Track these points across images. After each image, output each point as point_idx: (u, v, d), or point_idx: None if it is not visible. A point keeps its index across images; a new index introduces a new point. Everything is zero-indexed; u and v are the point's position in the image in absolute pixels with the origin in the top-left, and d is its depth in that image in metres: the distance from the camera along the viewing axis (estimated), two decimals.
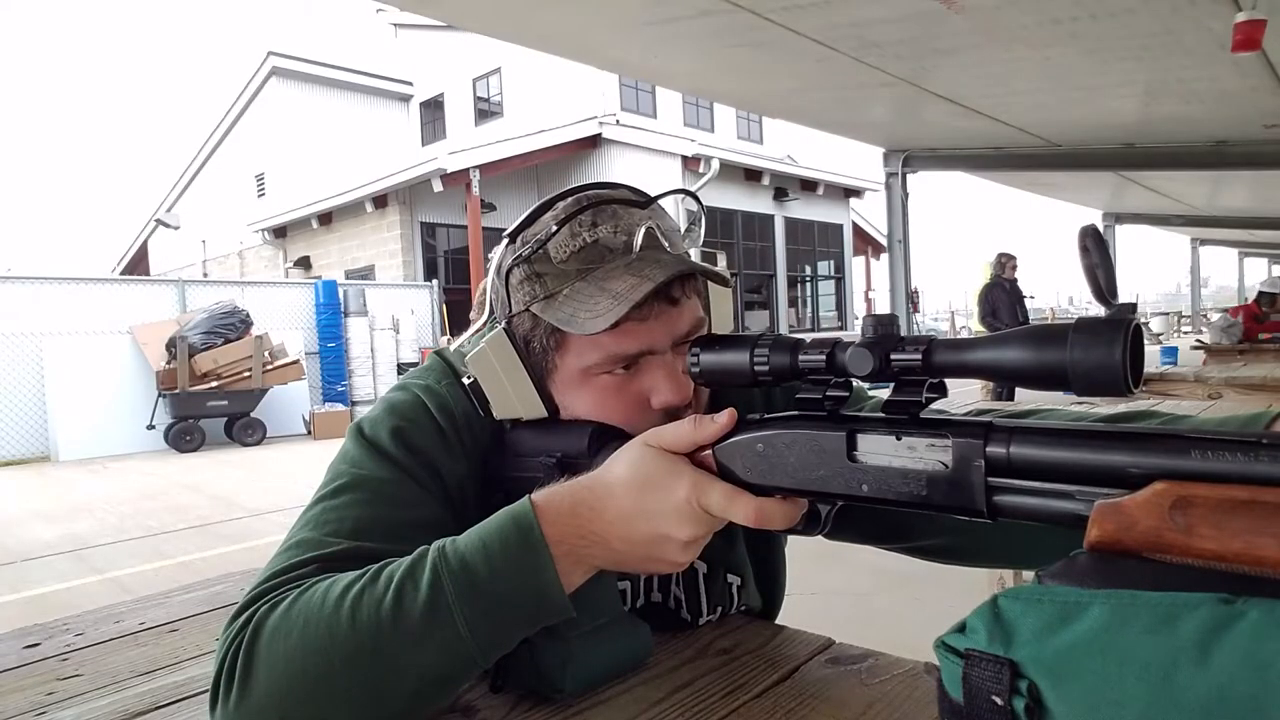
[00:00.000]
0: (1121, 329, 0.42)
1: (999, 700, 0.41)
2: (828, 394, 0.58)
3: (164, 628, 1.01)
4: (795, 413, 0.60)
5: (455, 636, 0.58)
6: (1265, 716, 0.34)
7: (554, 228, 0.72)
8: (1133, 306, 0.44)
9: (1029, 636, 0.42)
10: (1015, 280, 8.07)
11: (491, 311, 0.80)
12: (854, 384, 0.59)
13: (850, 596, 3.18)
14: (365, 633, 0.57)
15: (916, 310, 12.60)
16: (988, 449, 0.48)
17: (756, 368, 0.60)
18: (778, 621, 0.90)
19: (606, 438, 0.73)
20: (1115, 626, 0.39)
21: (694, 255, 0.83)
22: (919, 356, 0.51)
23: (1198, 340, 8.81)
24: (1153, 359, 7.31)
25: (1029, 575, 0.50)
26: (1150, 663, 0.37)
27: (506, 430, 0.80)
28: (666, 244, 0.74)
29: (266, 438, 9.50)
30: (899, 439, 0.53)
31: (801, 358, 0.58)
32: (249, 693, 0.58)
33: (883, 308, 16.48)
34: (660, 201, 0.80)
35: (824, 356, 0.57)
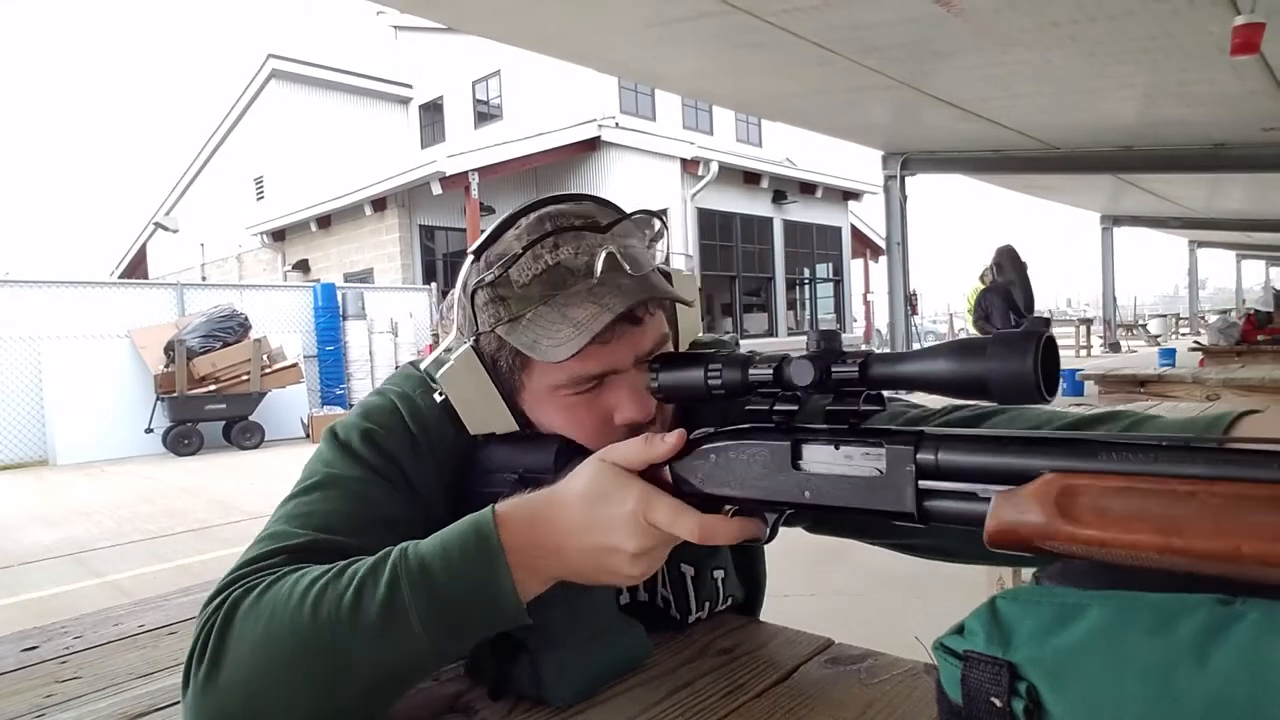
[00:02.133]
0: (1034, 340, 0.45)
1: (998, 702, 0.42)
2: (775, 407, 0.60)
3: (162, 630, 1.01)
4: (747, 425, 0.62)
5: (409, 635, 0.60)
6: (1264, 717, 0.34)
7: (518, 249, 0.73)
8: (1047, 320, 0.46)
9: (1028, 638, 0.42)
10: (1010, 284, 8.05)
11: (460, 329, 0.81)
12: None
13: (850, 596, 3.17)
14: (325, 626, 0.60)
15: (915, 313, 12.60)
16: (918, 455, 0.51)
17: (710, 383, 0.63)
18: (775, 621, 0.90)
19: (571, 453, 0.74)
20: (1114, 628, 0.39)
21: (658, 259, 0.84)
22: (856, 370, 0.55)
23: (1195, 342, 8.81)
24: (1151, 361, 7.30)
25: (1028, 576, 0.50)
26: (1149, 664, 0.37)
27: (478, 445, 0.81)
28: (627, 266, 0.73)
29: (265, 441, 9.49)
30: (837, 448, 0.56)
31: (752, 372, 0.61)
32: (217, 673, 0.61)
33: (881, 310, 16.50)
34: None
35: (772, 371, 0.59)
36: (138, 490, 6.86)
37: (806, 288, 18.07)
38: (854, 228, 18.67)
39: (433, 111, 19.70)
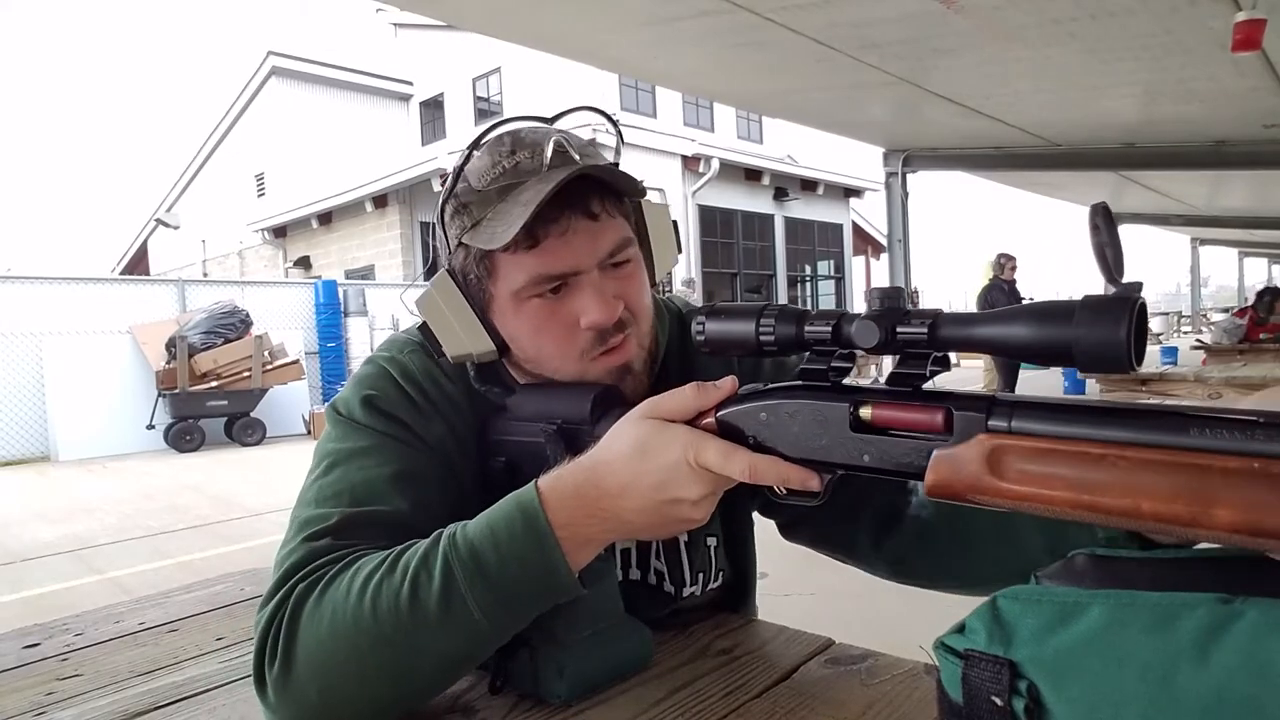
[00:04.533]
0: (1127, 307, 0.42)
1: (999, 701, 0.42)
2: (833, 364, 0.57)
3: (163, 628, 1.01)
4: (799, 383, 0.60)
5: (470, 621, 0.62)
6: (1264, 716, 0.34)
7: (467, 149, 0.77)
8: (1139, 285, 0.45)
9: (1028, 637, 0.42)
10: (1014, 281, 8.06)
11: (436, 258, 0.83)
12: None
13: (850, 596, 3.17)
14: (386, 622, 0.62)
15: None
16: (990, 422, 0.48)
17: (762, 337, 0.59)
18: (775, 621, 0.90)
19: (609, 403, 0.74)
20: (1114, 627, 0.39)
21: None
22: (925, 330, 0.51)
23: (1198, 340, 8.81)
24: (1153, 359, 7.30)
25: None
26: (1149, 663, 0.37)
27: (514, 393, 0.81)
28: (577, 157, 0.75)
29: (266, 438, 9.50)
30: (900, 406, 0.53)
31: (808, 329, 0.58)
32: (290, 669, 0.63)
33: None
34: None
35: (830, 328, 0.56)
36: (139, 487, 6.87)
37: (808, 285, 18.05)
38: (855, 225, 18.65)
39: (433, 108, 19.67)
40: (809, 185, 16.57)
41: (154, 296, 10.09)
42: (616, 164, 0.80)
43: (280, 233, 17.00)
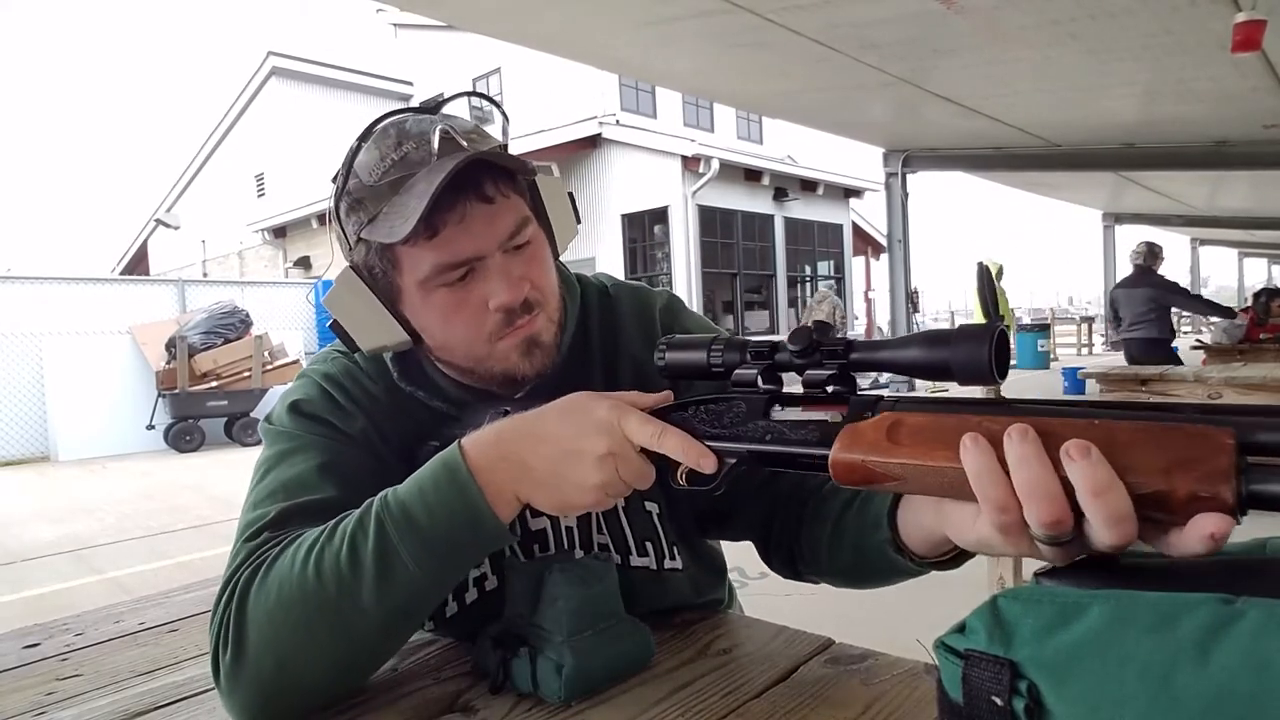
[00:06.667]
0: (989, 333, 0.52)
1: (999, 701, 0.42)
2: (760, 374, 0.65)
3: (163, 628, 1.01)
4: (734, 388, 0.68)
5: (407, 575, 0.65)
6: (1265, 716, 0.34)
7: (355, 144, 0.77)
8: (1001, 319, 0.51)
9: (1029, 637, 0.42)
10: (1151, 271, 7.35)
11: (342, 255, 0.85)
12: None
13: (850, 596, 3.17)
14: (329, 583, 0.65)
15: (916, 310, 12.57)
16: (877, 408, 0.57)
17: (712, 362, 0.68)
18: (775, 621, 0.90)
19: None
20: (1115, 627, 0.39)
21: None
22: (841, 347, 0.60)
23: (1198, 340, 8.80)
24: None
25: (1029, 575, 0.51)
26: (1150, 663, 0.37)
27: (421, 397, 0.85)
28: (465, 143, 0.75)
29: None
30: (808, 406, 0.63)
31: (749, 352, 0.66)
32: (243, 650, 0.66)
33: (883, 308, 16.49)
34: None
35: (767, 346, 0.65)
36: (139, 487, 6.87)
37: (808, 285, 18.05)
38: (855, 225, 18.64)
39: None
40: (809, 186, 16.56)
41: (154, 297, 10.09)
42: (505, 146, 0.81)
43: (280, 233, 17.00)
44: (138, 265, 23.36)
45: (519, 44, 4.49)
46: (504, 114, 0.87)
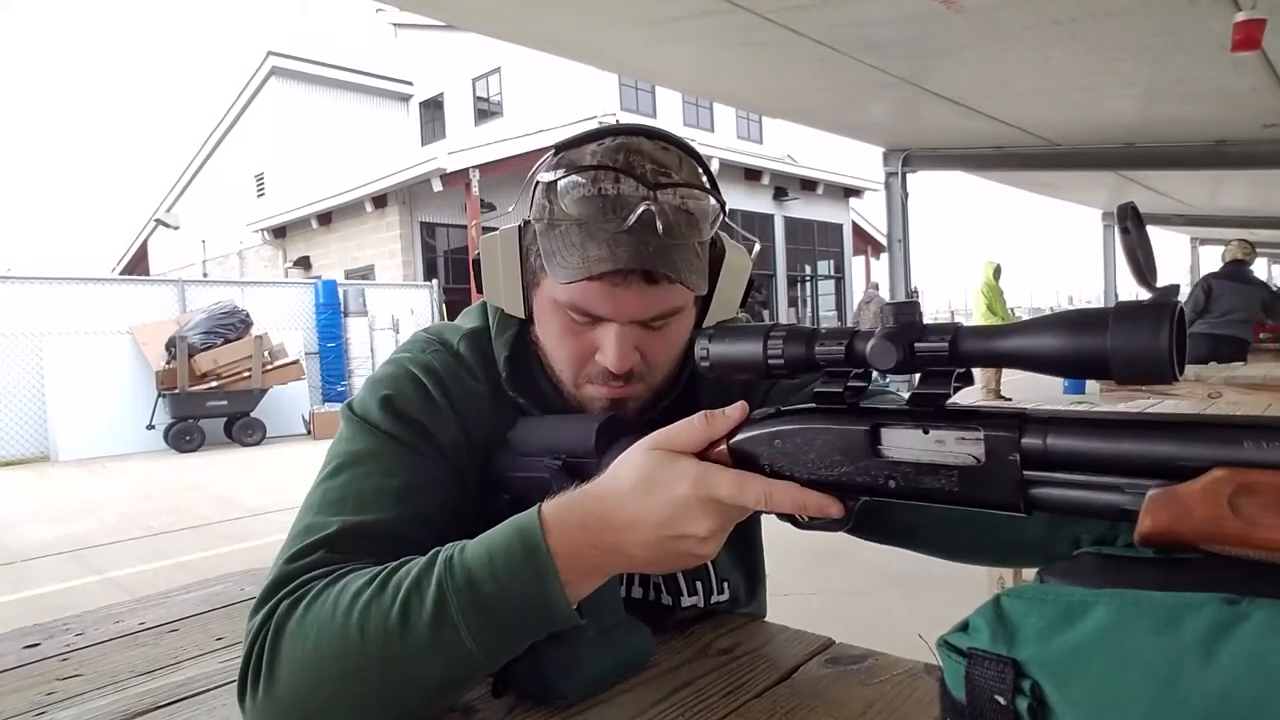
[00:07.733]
0: (1166, 313, 0.40)
1: (1002, 700, 0.41)
2: (849, 385, 0.55)
3: (164, 628, 1.01)
4: (813, 405, 0.57)
5: (461, 648, 0.60)
6: (1269, 716, 0.34)
7: (588, 162, 0.74)
8: (1175, 289, 0.42)
9: (1032, 636, 0.42)
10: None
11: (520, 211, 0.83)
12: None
13: (850, 596, 3.17)
14: (374, 644, 0.60)
15: None
16: (1023, 441, 0.46)
17: (770, 360, 0.56)
18: (776, 621, 0.89)
19: (614, 433, 0.73)
20: (1119, 626, 0.39)
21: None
22: (945, 346, 0.48)
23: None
24: None
25: (1029, 574, 0.50)
26: (1154, 663, 0.37)
27: (515, 424, 0.81)
28: (661, 229, 0.71)
29: (266, 438, 9.49)
30: (926, 432, 0.51)
31: (819, 349, 0.55)
32: (274, 689, 0.61)
33: None
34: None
35: (843, 347, 0.54)
36: (139, 487, 6.86)
37: (808, 285, 18.05)
38: (855, 224, 18.65)
39: (433, 108, 19.68)
40: (809, 185, 16.57)
41: (154, 297, 10.08)
42: (716, 219, 0.78)
43: (280, 233, 17.00)
44: (138, 265, 23.34)
45: (519, 44, 4.49)
46: (720, 202, 0.79)
